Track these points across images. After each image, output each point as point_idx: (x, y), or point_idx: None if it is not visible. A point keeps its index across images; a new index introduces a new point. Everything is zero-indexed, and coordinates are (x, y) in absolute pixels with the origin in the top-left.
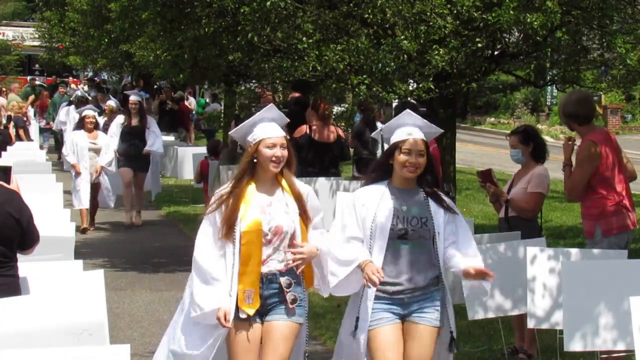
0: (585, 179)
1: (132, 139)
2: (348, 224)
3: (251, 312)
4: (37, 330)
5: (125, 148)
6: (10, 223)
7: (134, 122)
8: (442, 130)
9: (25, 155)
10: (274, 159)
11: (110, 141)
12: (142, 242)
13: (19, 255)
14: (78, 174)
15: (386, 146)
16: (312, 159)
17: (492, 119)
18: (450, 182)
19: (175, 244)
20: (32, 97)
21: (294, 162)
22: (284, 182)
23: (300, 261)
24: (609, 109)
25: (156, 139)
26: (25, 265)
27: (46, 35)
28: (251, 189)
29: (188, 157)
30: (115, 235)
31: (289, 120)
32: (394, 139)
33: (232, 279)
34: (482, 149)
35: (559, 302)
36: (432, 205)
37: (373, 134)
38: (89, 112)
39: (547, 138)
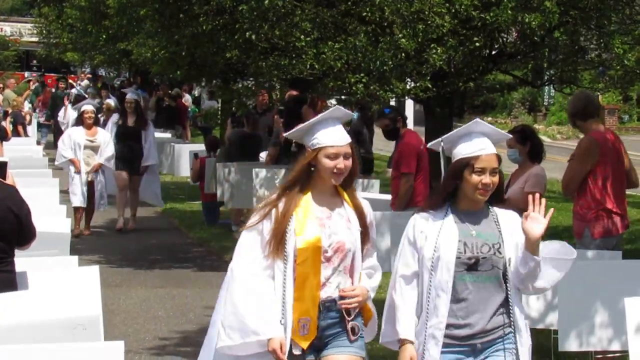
0: (582, 174)
1: (128, 139)
2: (402, 257)
3: (305, 345)
4: (31, 325)
5: (119, 149)
6: (9, 218)
7: (130, 122)
8: (510, 135)
9: (22, 151)
10: (335, 170)
11: (110, 138)
12: (138, 239)
13: (15, 251)
14: (78, 170)
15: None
16: None
17: (489, 119)
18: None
19: (171, 241)
20: (27, 92)
21: (357, 172)
22: (345, 194)
23: (354, 306)
24: (606, 110)
25: (150, 149)
26: (21, 260)
27: (44, 31)
28: (307, 199)
29: (185, 154)
30: (111, 231)
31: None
32: (460, 153)
33: (285, 305)
34: None
35: (554, 303)
36: (505, 226)
37: (430, 145)
38: (88, 107)
39: (544, 138)
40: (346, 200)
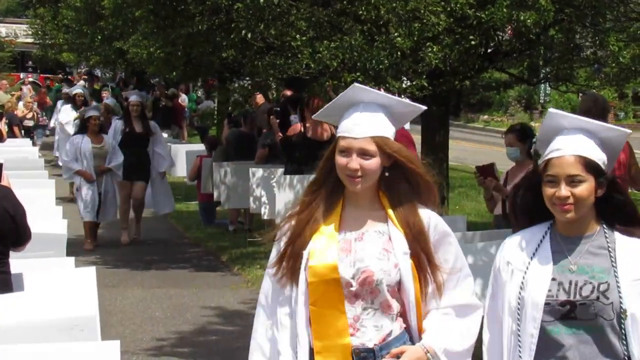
0: None
1: (134, 146)
2: (490, 294)
3: None
4: (28, 325)
5: (125, 156)
6: (5, 219)
7: (137, 127)
8: (630, 131)
9: (18, 152)
10: (347, 172)
11: (114, 142)
12: (135, 239)
13: (11, 252)
14: (91, 181)
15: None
16: (305, 157)
17: (486, 117)
18: (443, 180)
19: (168, 241)
20: (18, 93)
21: (420, 182)
22: (388, 206)
23: None
24: None
25: (164, 153)
26: (18, 261)
27: (39, 32)
28: (335, 211)
29: (181, 154)
30: (108, 232)
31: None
32: (544, 157)
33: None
34: (475, 147)
35: None
36: (623, 261)
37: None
38: (94, 112)
39: None
40: (390, 215)
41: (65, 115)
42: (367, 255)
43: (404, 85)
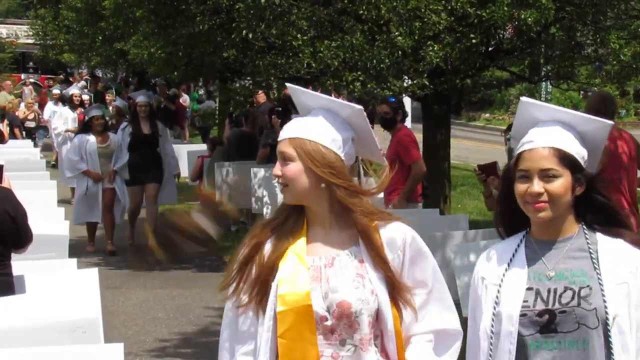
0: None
1: (142, 148)
2: (471, 317)
3: None
4: (30, 328)
5: (133, 159)
6: (5, 221)
7: (145, 129)
8: (613, 123)
9: (19, 154)
10: (275, 178)
11: (123, 144)
12: (137, 240)
13: (13, 254)
14: (99, 179)
15: None
16: None
17: (487, 115)
18: (445, 179)
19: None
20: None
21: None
22: (359, 224)
23: None
24: None
25: (174, 156)
26: (20, 263)
27: (40, 33)
28: (302, 233)
29: (183, 154)
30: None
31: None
32: (516, 151)
33: None
34: (477, 145)
35: None
36: (606, 263)
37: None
38: (97, 112)
39: None
40: (361, 234)
41: (59, 120)
42: (340, 283)
43: (405, 84)
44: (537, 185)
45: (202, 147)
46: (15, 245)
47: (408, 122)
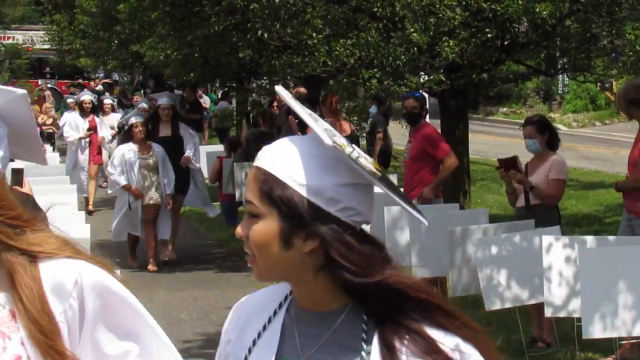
0: None
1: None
2: None
3: None
4: None
5: None
6: None
7: (164, 131)
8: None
9: None
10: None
11: (166, 157)
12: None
13: None
14: (140, 196)
15: None
16: None
17: (505, 109)
18: (464, 174)
19: (191, 244)
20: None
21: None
22: None
23: None
24: None
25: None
26: None
27: (56, 38)
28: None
29: (201, 156)
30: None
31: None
32: None
33: None
34: (496, 140)
35: (576, 290)
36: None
37: None
38: (138, 118)
39: (560, 126)
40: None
41: (69, 128)
42: None
43: (421, 80)
44: (242, 228)
45: (221, 147)
46: None
47: (426, 118)
